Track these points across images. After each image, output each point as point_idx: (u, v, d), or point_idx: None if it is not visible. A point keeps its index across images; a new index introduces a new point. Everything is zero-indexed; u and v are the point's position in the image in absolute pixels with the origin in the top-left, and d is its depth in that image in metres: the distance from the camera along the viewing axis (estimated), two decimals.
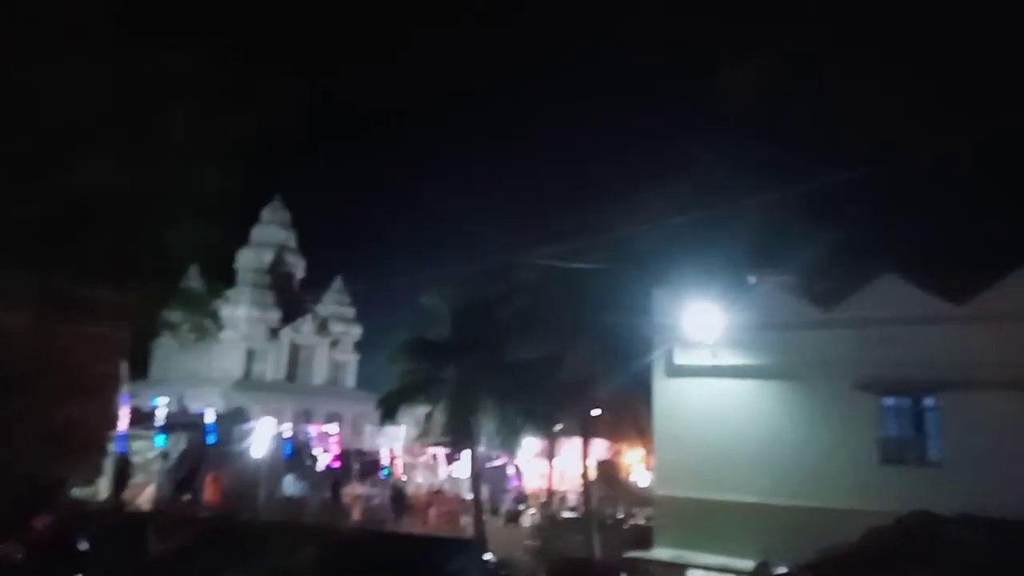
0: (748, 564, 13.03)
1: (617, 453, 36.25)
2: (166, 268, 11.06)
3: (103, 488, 18.51)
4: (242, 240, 48.75)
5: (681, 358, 15.16)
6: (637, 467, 36.45)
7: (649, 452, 25.70)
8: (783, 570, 11.27)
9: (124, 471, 18.54)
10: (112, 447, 18.87)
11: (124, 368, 14.17)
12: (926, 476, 12.64)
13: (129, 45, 9.60)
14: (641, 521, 26.04)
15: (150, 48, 9.72)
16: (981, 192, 15.28)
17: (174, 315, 12.80)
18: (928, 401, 13.12)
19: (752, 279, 16.38)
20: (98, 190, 9.15)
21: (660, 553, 14.35)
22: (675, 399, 15.20)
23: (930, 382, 12.76)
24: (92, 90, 9.30)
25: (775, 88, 16.87)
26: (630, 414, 25.56)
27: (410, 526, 26.33)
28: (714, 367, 14.64)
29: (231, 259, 47.35)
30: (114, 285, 9.96)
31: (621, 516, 29.08)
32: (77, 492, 15.18)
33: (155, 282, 10.91)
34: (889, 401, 13.38)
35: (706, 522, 13.89)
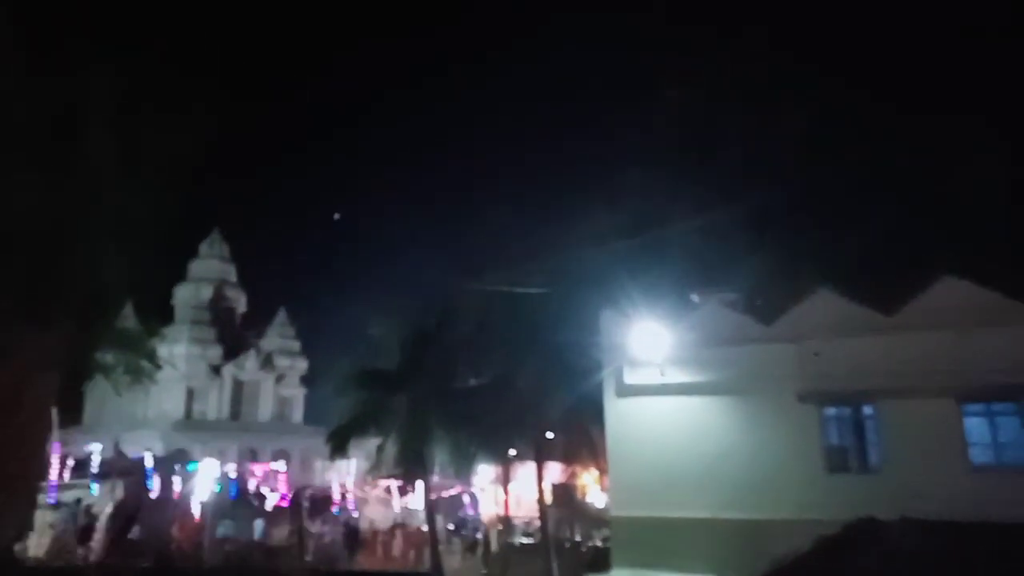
0: None
1: (572, 475, 36.23)
2: (95, 306, 10.57)
3: (34, 543, 17.46)
4: (179, 275, 47.34)
5: (630, 378, 15.31)
6: (593, 488, 36.52)
7: (603, 473, 25.80)
8: None
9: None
10: (43, 499, 17.86)
11: (53, 414, 13.46)
12: (868, 482, 13.03)
13: (47, 65, 9.23)
14: (599, 543, 26.05)
15: (70, 68, 9.35)
16: (910, 201, 16.05)
17: (107, 356, 12.26)
18: (867, 410, 13.57)
19: (695, 298, 16.75)
20: (13, 222, 8.69)
21: (618, 574, 14.34)
22: (626, 419, 15.31)
23: (867, 391, 13.23)
24: (16, 109, 8.88)
25: (706, 109, 17.44)
26: (583, 436, 25.69)
27: (366, 563, 25.66)
28: (663, 385, 14.83)
29: (168, 295, 45.92)
30: (39, 325, 9.45)
31: (579, 539, 29.04)
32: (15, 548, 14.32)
33: (84, 321, 10.41)
34: (830, 411, 13.80)
35: (662, 540, 13.96)
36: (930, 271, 13.26)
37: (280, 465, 31.11)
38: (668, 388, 14.80)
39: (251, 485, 29.11)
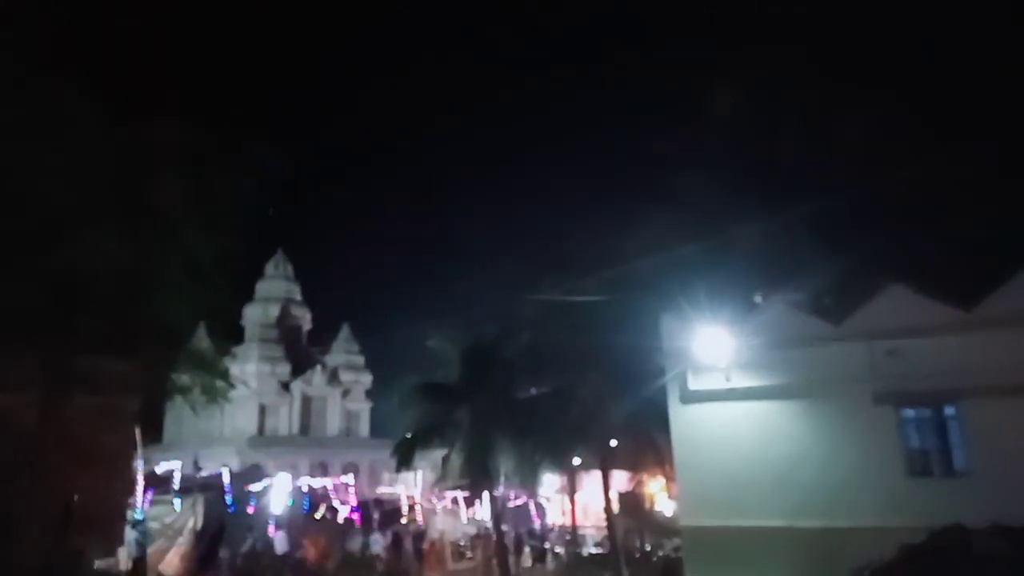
0: None
1: (639, 483, 35.72)
2: (172, 333, 11.17)
3: (123, 557, 18.29)
4: (248, 296, 49.02)
5: (695, 383, 15.04)
6: (660, 497, 35.91)
7: (671, 481, 25.34)
8: None
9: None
10: (130, 515, 18.69)
11: (136, 435, 14.14)
12: (953, 487, 12.41)
13: (118, 123, 9.86)
14: (669, 552, 25.57)
15: (138, 124, 9.97)
16: (981, 196, 15.27)
17: (183, 378, 12.84)
18: (948, 410, 12.95)
19: (759, 299, 16.33)
20: (97, 264, 9.31)
21: None
22: (692, 426, 15.03)
23: (948, 391, 12.62)
24: (86, 168, 9.52)
25: (771, 109, 17.01)
26: (648, 443, 25.30)
27: (434, 574, 25.88)
28: (729, 391, 14.51)
29: (238, 316, 47.61)
30: (120, 355, 10.04)
31: (648, 548, 28.59)
32: (99, 563, 15.02)
33: (162, 348, 11.00)
34: (909, 412, 13.22)
35: (736, 550, 13.61)
36: (1006, 265, 12.59)
37: (349, 478, 31.69)
38: (734, 393, 14.47)
39: (324, 498, 29.74)
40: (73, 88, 9.44)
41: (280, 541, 23.85)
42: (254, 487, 26.67)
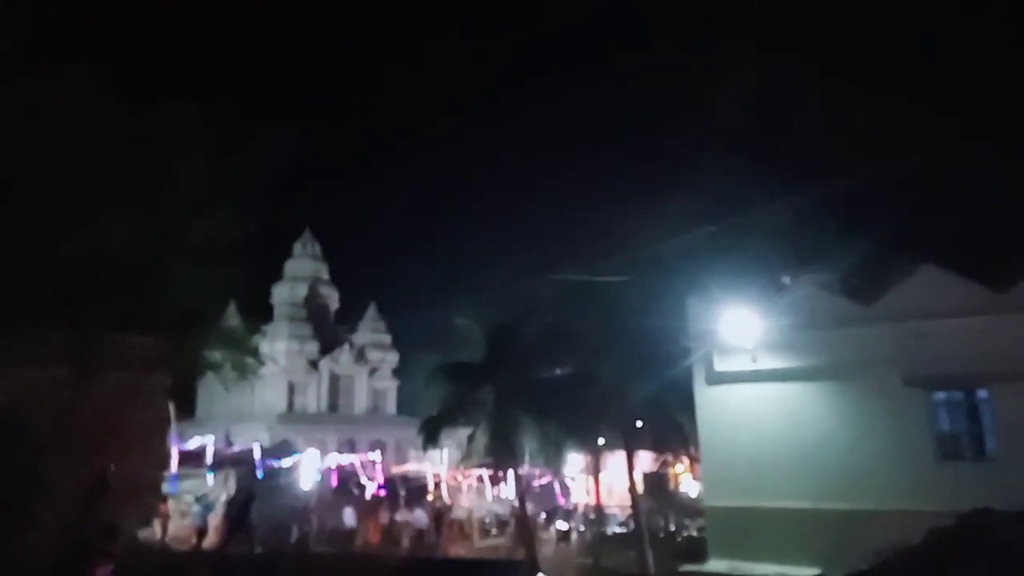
0: (807, 572, 12.71)
1: (664, 464, 35.76)
2: (198, 311, 11.41)
3: (158, 529, 18.86)
4: (277, 276, 49.67)
5: (721, 365, 14.94)
6: (685, 478, 35.90)
7: (695, 462, 25.31)
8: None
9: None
10: (165, 488, 19.24)
11: (169, 411, 14.51)
12: (984, 471, 12.21)
13: (138, 107, 10.02)
14: (693, 533, 25.61)
15: (158, 108, 10.11)
16: (1012, 177, 14.83)
17: (214, 355, 13.12)
18: (981, 394, 12.70)
19: (787, 280, 16.12)
20: (119, 245, 9.52)
21: (715, 565, 14.05)
22: (718, 407, 14.96)
23: (980, 374, 12.37)
24: (107, 152, 9.71)
25: (799, 88, 16.65)
26: (673, 425, 25.24)
27: (461, 550, 26.24)
28: (755, 372, 14.38)
29: (267, 295, 48.33)
30: (152, 333, 10.28)
31: (672, 529, 28.64)
32: (141, 534, 15.56)
33: (189, 325, 11.25)
34: (940, 395, 13.00)
35: (760, 531, 13.59)
36: None
37: (376, 455, 32.22)
38: (761, 375, 14.35)
39: (352, 475, 30.29)
40: (93, 74, 9.63)
41: (349, 516, 24.36)
42: (284, 462, 27.26)
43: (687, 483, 35.54)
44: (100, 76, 9.93)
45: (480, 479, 33.32)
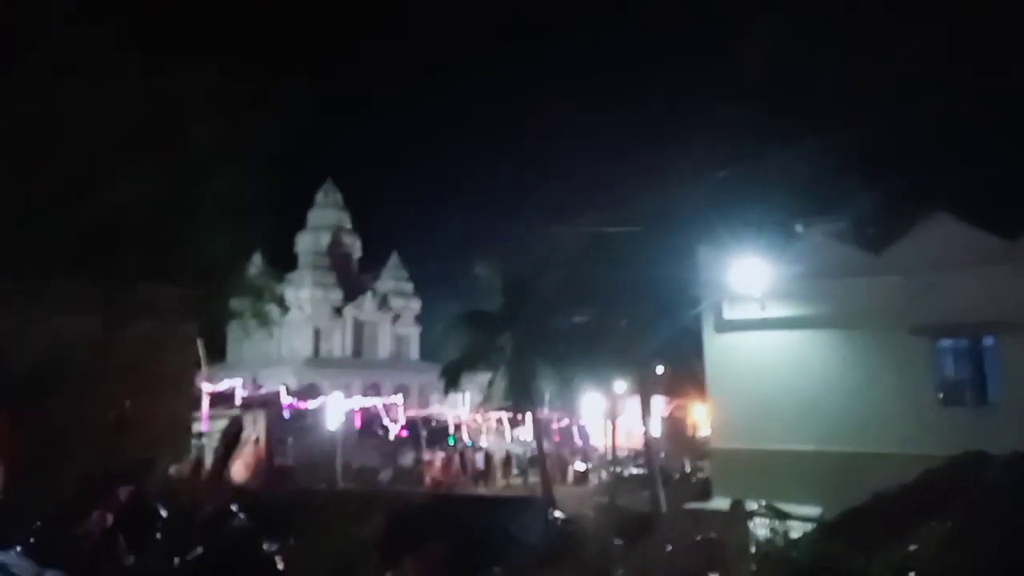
0: (808, 510, 13.16)
1: (681, 408, 36.36)
2: (220, 262, 11.86)
3: (188, 467, 19.89)
4: (300, 224, 50.32)
5: (730, 313, 15.18)
6: (703, 422, 36.46)
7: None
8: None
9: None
10: (196, 428, 20.21)
11: (200, 356, 15.21)
12: (985, 417, 12.45)
13: (155, 67, 10.26)
14: (708, 475, 26.24)
15: (173, 68, 10.34)
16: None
17: (240, 303, 13.65)
18: (987, 341, 12.83)
19: (799, 228, 16.14)
20: (141, 202, 9.91)
21: (719, 503, 14.59)
22: (726, 354, 15.26)
23: (988, 322, 12.47)
24: (125, 112, 10.01)
25: (811, 35, 16.31)
26: (688, 370, 25.65)
27: (484, 488, 27.28)
28: (763, 320, 14.61)
29: (292, 243, 49.07)
30: (178, 283, 10.78)
31: (688, 471, 29.36)
32: (173, 470, 16.51)
33: (218, 276, 11.73)
34: (945, 343, 13.16)
35: (764, 472, 13.99)
36: None
37: (398, 399, 33.19)
38: (769, 323, 14.57)
39: (376, 417, 31.36)
40: (113, 34, 9.85)
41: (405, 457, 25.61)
42: (310, 404, 28.28)
43: (705, 428, 36.12)
44: (119, 36, 10.18)
45: (500, 422, 34.21)
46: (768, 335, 14.65)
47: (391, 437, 30.66)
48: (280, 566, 8.09)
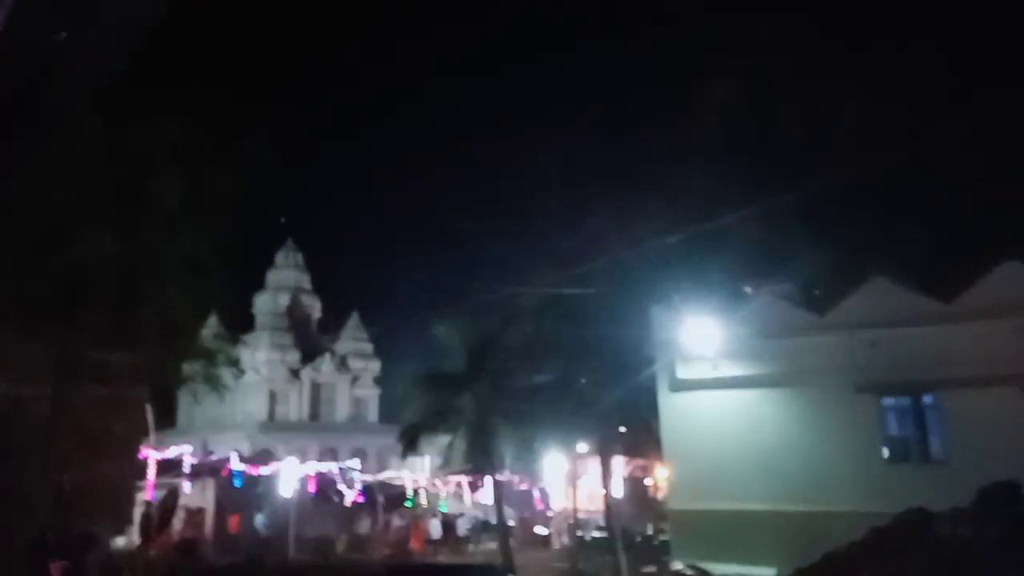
0: (764, 572, 13.21)
1: (643, 470, 36.27)
2: (176, 324, 11.72)
3: (134, 536, 19.04)
4: (259, 285, 49.80)
5: (683, 372, 15.46)
6: (664, 484, 36.34)
7: None
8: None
9: (151, 518, 18.87)
10: (141, 498, 19.39)
11: (148, 422, 14.78)
12: (930, 473, 12.79)
13: (114, 124, 10.33)
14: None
15: (134, 125, 10.43)
16: (965, 189, 15.52)
17: (189, 368, 13.41)
18: (927, 399, 13.31)
19: (748, 290, 16.69)
20: (100, 261, 9.83)
21: (678, 565, 14.55)
22: (681, 413, 15.48)
23: (926, 380, 12.98)
24: (86, 169, 10.03)
25: (754, 101, 17.26)
26: (648, 430, 25.76)
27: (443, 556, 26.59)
28: (716, 379, 14.92)
29: (249, 304, 48.42)
30: (127, 348, 10.61)
31: (650, 533, 29.13)
32: (117, 542, 15.70)
33: (168, 338, 11.57)
34: (889, 401, 13.59)
35: (721, 533, 14.08)
36: (990, 258, 12.87)
37: (355, 463, 32.47)
38: (722, 382, 14.88)
39: (331, 483, 30.54)
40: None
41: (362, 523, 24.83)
42: (264, 471, 27.45)
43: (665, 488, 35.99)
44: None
45: (459, 485, 33.65)
46: (721, 394, 14.94)
47: (347, 503, 29.86)
48: None
